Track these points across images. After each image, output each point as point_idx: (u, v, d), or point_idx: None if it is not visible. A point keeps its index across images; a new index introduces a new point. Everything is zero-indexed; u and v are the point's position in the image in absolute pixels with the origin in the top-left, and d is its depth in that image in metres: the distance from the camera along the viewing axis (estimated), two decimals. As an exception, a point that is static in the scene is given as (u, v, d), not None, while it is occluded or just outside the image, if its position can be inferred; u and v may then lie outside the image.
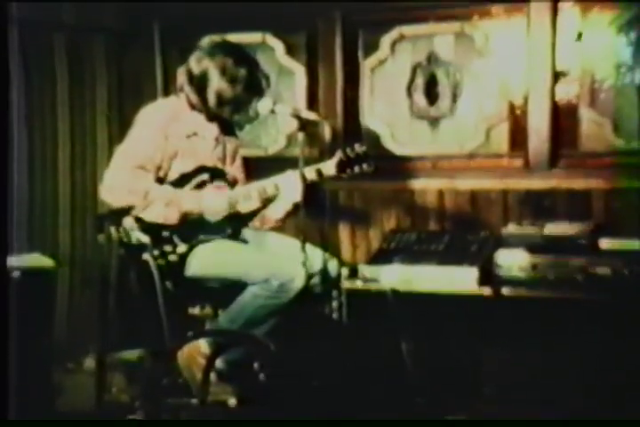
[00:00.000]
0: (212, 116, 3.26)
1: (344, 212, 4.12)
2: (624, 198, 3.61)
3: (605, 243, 3.38)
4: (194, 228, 3.18)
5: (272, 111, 3.16)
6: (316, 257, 3.17)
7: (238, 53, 3.23)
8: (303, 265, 3.00)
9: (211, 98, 3.19)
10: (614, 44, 3.68)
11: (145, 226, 3.14)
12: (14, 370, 2.76)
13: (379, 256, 3.62)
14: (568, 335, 3.21)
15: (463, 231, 3.74)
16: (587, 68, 3.72)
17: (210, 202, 3.18)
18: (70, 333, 3.87)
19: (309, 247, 3.09)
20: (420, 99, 4.06)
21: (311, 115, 3.21)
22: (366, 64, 4.13)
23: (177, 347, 3.12)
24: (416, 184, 4.00)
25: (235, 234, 3.27)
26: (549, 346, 3.25)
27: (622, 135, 3.68)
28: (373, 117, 4.15)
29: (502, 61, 3.87)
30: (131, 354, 3.56)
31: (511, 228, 3.58)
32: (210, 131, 3.28)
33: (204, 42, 3.21)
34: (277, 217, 3.30)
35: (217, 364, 3.15)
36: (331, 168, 3.16)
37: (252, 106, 3.20)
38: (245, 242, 3.28)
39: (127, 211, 3.13)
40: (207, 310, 3.38)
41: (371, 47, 4.12)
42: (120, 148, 3.21)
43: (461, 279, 3.37)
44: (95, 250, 3.73)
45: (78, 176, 4.08)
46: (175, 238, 3.16)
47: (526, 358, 3.29)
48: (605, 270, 3.24)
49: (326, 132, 3.08)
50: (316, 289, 3.22)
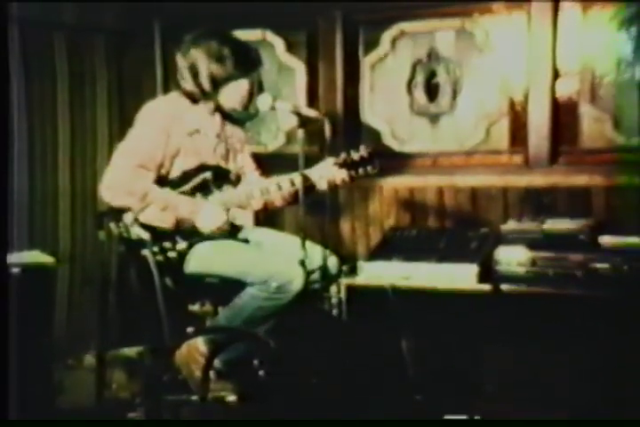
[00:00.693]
0: (215, 108, 3.25)
1: (344, 208, 4.13)
2: (624, 195, 3.61)
3: (605, 239, 3.37)
4: (194, 226, 3.17)
5: (272, 108, 3.16)
6: (316, 254, 3.16)
7: (219, 35, 3.22)
8: (303, 263, 3.00)
9: (205, 83, 3.17)
10: (614, 41, 3.67)
11: (145, 222, 3.14)
12: (14, 367, 2.76)
13: (379, 253, 3.62)
14: (568, 332, 3.21)
15: (463, 228, 3.75)
16: (587, 65, 3.72)
17: (205, 217, 3.14)
18: (70, 330, 3.87)
19: (309, 244, 3.09)
20: (421, 95, 4.06)
21: (311, 112, 3.20)
22: (366, 61, 4.14)
23: (177, 344, 3.12)
24: (416, 181, 4.00)
25: (234, 232, 3.27)
26: (549, 343, 3.25)
27: (622, 132, 3.68)
28: (373, 114, 4.15)
29: (503, 58, 3.87)
30: (131, 351, 3.56)
31: (511, 224, 3.58)
32: (212, 128, 3.27)
33: (186, 38, 3.22)
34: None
35: (216, 363, 3.14)
36: (332, 170, 3.16)
37: (253, 102, 3.21)
38: (245, 241, 3.28)
39: (127, 209, 3.13)
40: (207, 307, 3.38)
41: (371, 44, 4.12)
42: (121, 146, 3.19)
43: (461, 276, 3.37)
44: (95, 247, 3.75)
45: (78, 174, 4.08)
46: (175, 235, 3.15)
47: (526, 354, 3.28)
48: (605, 267, 3.24)
49: (326, 129, 3.06)
50: (316, 286, 3.22)
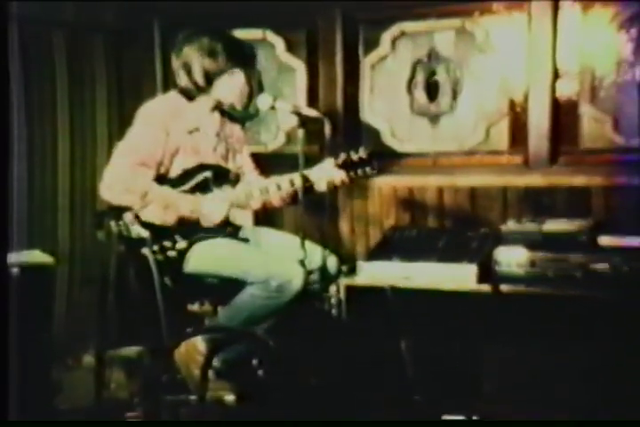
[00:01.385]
0: (214, 106, 3.24)
1: (343, 208, 4.13)
2: (624, 195, 3.61)
3: (605, 240, 3.37)
4: (194, 224, 3.17)
5: (272, 108, 3.16)
6: (316, 254, 3.17)
7: (211, 32, 3.23)
8: (302, 263, 3.00)
9: (199, 78, 3.18)
10: (615, 41, 3.67)
11: (145, 221, 3.13)
12: (13, 367, 2.76)
13: (378, 253, 3.62)
14: (567, 332, 3.20)
15: (463, 228, 3.75)
16: (587, 65, 3.72)
17: (207, 212, 3.16)
18: (69, 330, 3.86)
19: (309, 244, 3.10)
20: (421, 95, 4.06)
21: (311, 111, 3.20)
22: (366, 61, 4.14)
23: (176, 344, 3.11)
24: (416, 181, 4.00)
25: (234, 232, 3.27)
26: (549, 343, 3.24)
27: (622, 132, 3.68)
28: (373, 114, 4.15)
29: (503, 58, 3.87)
30: (130, 351, 3.56)
31: (511, 225, 3.57)
32: (211, 126, 3.27)
33: (178, 36, 3.23)
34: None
35: (215, 363, 3.14)
36: (332, 171, 3.16)
37: (253, 102, 3.21)
38: (245, 240, 3.28)
39: (126, 207, 3.12)
40: (206, 307, 3.38)
41: (371, 44, 4.12)
42: (120, 145, 3.18)
43: (461, 276, 3.37)
44: (94, 247, 3.74)
45: (78, 173, 4.08)
46: (175, 234, 3.15)
47: (526, 355, 3.28)
48: (605, 267, 3.24)
49: (326, 128, 3.06)
50: (316, 286, 3.22)
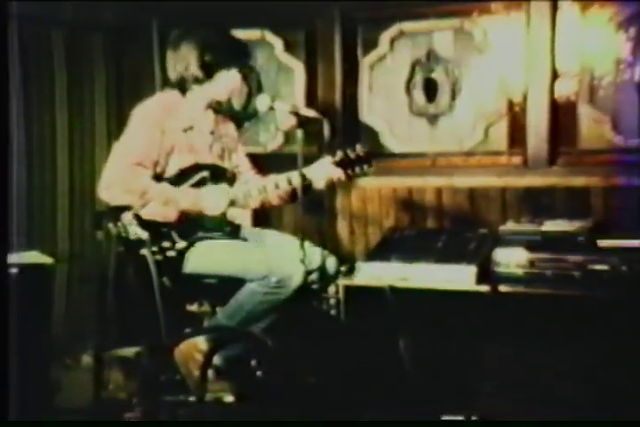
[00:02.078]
0: (208, 103, 3.24)
1: (342, 209, 4.12)
2: (623, 196, 3.61)
3: (604, 240, 3.38)
4: (193, 225, 3.17)
5: (271, 108, 3.15)
6: (315, 254, 3.17)
7: (207, 28, 3.23)
8: (301, 262, 3.00)
9: (195, 71, 3.16)
10: (613, 41, 3.67)
11: (144, 221, 3.13)
12: (13, 367, 2.76)
13: (377, 253, 3.62)
14: (566, 333, 3.21)
15: (461, 229, 3.75)
16: (586, 65, 3.72)
17: (209, 202, 3.17)
18: (68, 330, 3.86)
19: (308, 244, 3.10)
20: (419, 96, 4.06)
21: (310, 112, 3.20)
22: (365, 61, 4.14)
23: (175, 344, 3.11)
24: (414, 181, 4.01)
25: (234, 232, 3.27)
26: (548, 343, 3.25)
27: (621, 132, 3.68)
28: (372, 114, 4.15)
29: (501, 58, 3.87)
30: (128, 351, 3.55)
31: (510, 225, 3.58)
32: (206, 124, 3.27)
33: (174, 32, 3.22)
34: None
35: (214, 361, 3.14)
36: (330, 168, 3.16)
37: (251, 103, 3.21)
38: (244, 240, 3.28)
39: (125, 208, 3.12)
40: (205, 307, 3.38)
41: (370, 44, 4.12)
42: (117, 145, 3.19)
43: (459, 277, 3.37)
44: (93, 247, 3.73)
45: (77, 173, 4.07)
46: (174, 235, 3.15)
47: (524, 355, 3.28)
48: (603, 268, 3.24)
49: (325, 129, 3.06)
50: (315, 286, 3.22)
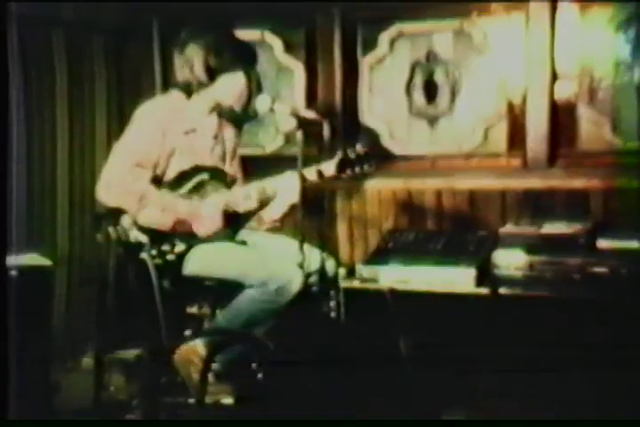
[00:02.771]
0: (213, 106, 3.24)
1: (342, 211, 4.12)
2: (622, 198, 3.61)
3: (603, 242, 3.38)
4: (192, 228, 3.17)
5: (271, 110, 3.15)
6: (314, 257, 3.17)
7: (215, 29, 3.23)
8: (301, 265, 3.00)
9: (200, 73, 3.15)
10: (613, 43, 3.67)
11: (143, 225, 3.13)
12: (13, 369, 2.76)
13: (376, 256, 3.62)
14: (566, 335, 3.21)
15: (461, 231, 3.76)
16: (585, 67, 3.72)
17: (203, 220, 3.14)
18: (68, 332, 3.87)
19: (307, 247, 3.09)
20: (419, 97, 4.05)
21: (310, 113, 3.20)
22: (365, 62, 4.13)
23: (175, 346, 3.12)
24: (414, 183, 4.00)
25: (233, 235, 3.27)
26: (547, 346, 3.25)
27: (621, 134, 3.68)
28: (372, 116, 4.14)
29: (501, 59, 3.87)
30: (129, 353, 3.55)
31: (509, 227, 3.58)
32: (209, 128, 3.26)
33: (182, 33, 3.22)
34: (274, 218, 3.28)
35: (215, 363, 3.14)
36: (331, 168, 3.16)
37: (251, 104, 3.20)
38: (243, 243, 3.27)
39: (124, 210, 3.12)
40: (205, 310, 3.37)
41: (369, 44, 4.11)
42: (117, 145, 3.18)
43: (459, 279, 3.38)
44: (93, 249, 3.74)
45: (77, 174, 4.07)
46: (173, 238, 3.15)
47: (524, 358, 3.29)
48: (603, 270, 3.25)
49: (325, 130, 3.06)
50: (314, 289, 3.22)
